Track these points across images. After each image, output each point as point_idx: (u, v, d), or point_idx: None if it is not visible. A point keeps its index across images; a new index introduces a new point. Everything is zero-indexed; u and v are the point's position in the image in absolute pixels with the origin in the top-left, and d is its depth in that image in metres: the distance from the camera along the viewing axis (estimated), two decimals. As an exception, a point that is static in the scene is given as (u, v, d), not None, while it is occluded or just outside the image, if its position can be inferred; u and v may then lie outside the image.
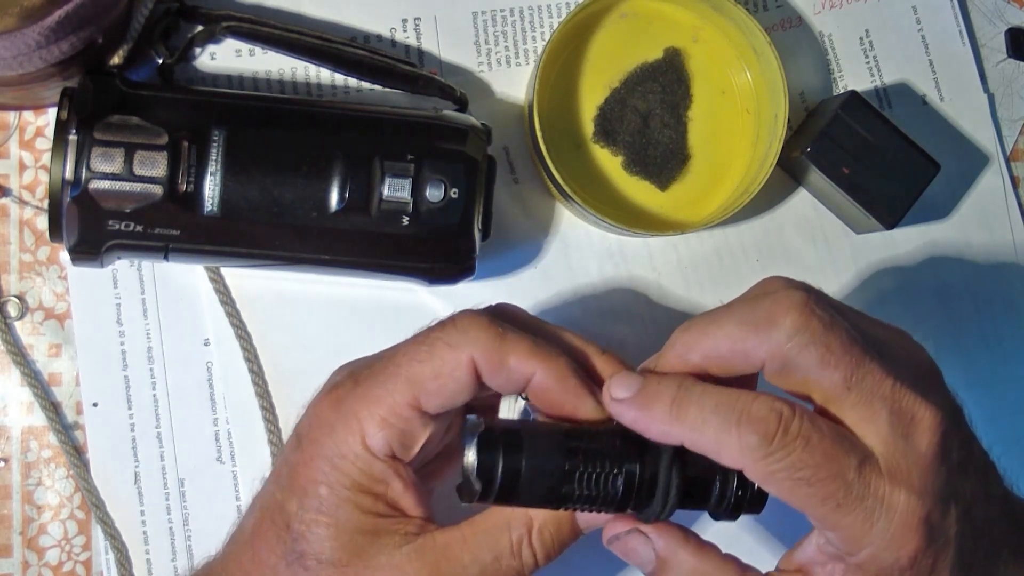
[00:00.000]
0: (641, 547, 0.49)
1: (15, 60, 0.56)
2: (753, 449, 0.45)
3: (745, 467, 0.46)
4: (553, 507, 0.48)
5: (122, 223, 0.57)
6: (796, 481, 0.45)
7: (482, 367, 0.49)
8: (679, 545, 0.48)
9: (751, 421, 0.45)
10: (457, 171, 0.58)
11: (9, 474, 0.63)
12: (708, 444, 0.46)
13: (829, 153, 0.64)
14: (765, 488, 0.47)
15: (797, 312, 0.46)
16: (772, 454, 0.45)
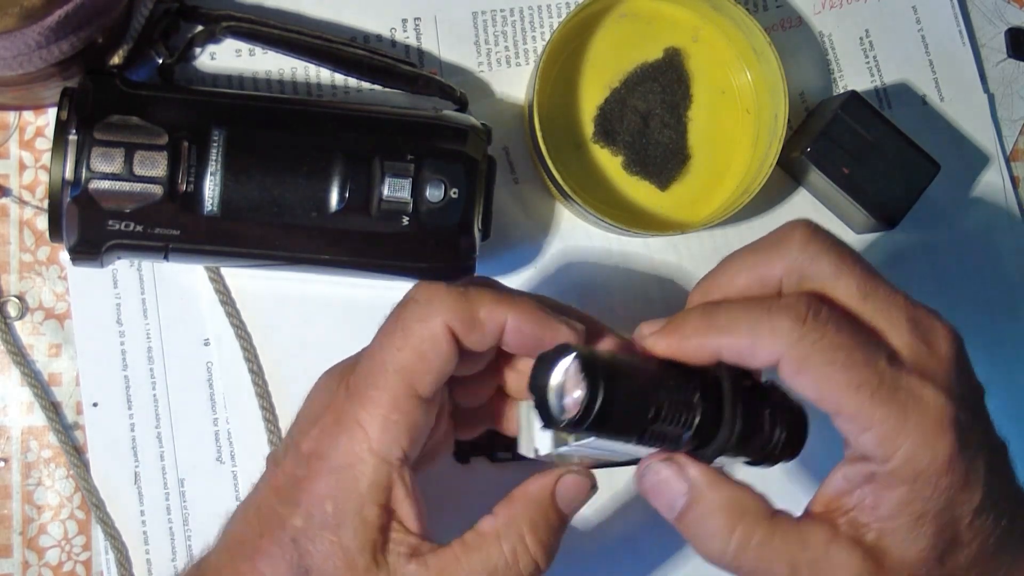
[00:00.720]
0: (675, 478, 0.48)
1: (15, 60, 0.56)
2: (787, 331, 0.45)
3: (781, 354, 0.45)
4: (628, 439, 0.46)
5: (122, 223, 0.57)
6: (831, 365, 0.45)
7: (456, 329, 0.49)
8: (713, 477, 0.47)
9: (781, 308, 0.46)
10: (457, 171, 0.58)
11: (9, 474, 0.63)
12: (743, 341, 0.46)
13: (829, 153, 0.64)
14: (801, 381, 0.46)
15: (803, 227, 0.48)
16: (806, 335, 0.45)
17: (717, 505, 0.47)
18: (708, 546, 0.47)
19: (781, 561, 0.46)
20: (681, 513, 0.48)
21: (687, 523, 0.48)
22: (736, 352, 0.47)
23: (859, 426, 0.45)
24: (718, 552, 0.47)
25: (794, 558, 0.46)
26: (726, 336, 0.47)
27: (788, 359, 0.45)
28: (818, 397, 0.46)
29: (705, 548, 0.47)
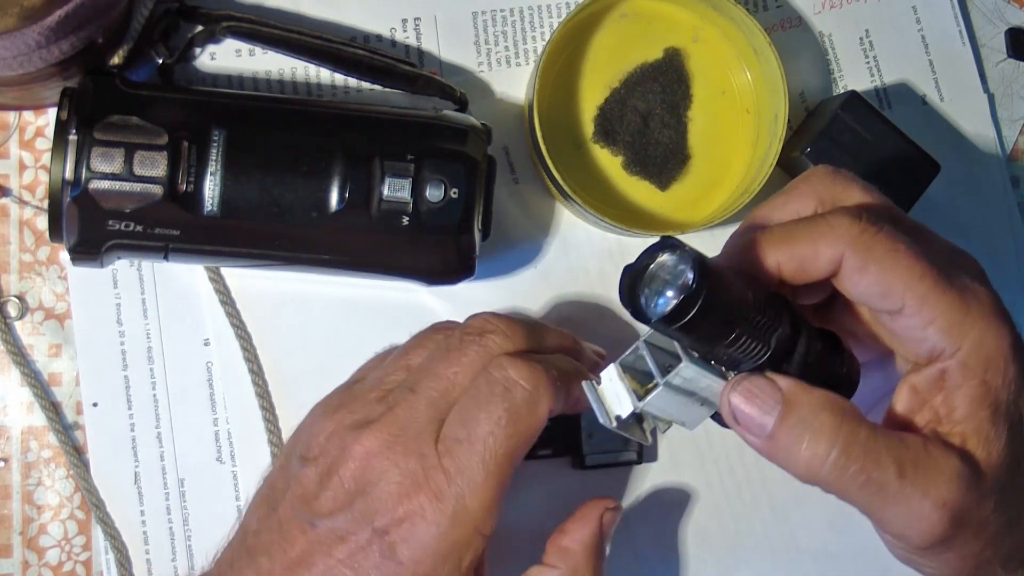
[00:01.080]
0: (767, 389, 0.46)
1: (15, 60, 0.56)
2: (847, 227, 0.45)
3: (843, 253, 0.45)
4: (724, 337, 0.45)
5: (122, 223, 0.57)
6: (894, 255, 0.45)
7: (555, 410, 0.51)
8: (804, 384, 0.46)
9: (836, 211, 0.46)
10: (457, 171, 0.58)
11: (9, 474, 0.63)
12: (804, 247, 0.46)
13: (829, 153, 0.64)
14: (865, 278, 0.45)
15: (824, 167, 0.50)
16: (866, 230, 0.45)
17: (817, 405, 0.45)
18: (812, 451, 0.45)
19: (889, 459, 0.45)
20: (777, 423, 0.46)
21: (785, 431, 0.45)
22: (798, 261, 0.46)
23: (925, 318, 0.45)
24: (822, 455, 0.45)
25: (900, 456, 0.45)
26: (786, 246, 0.46)
27: (852, 255, 0.45)
28: (884, 291, 0.45)
29: (808, 455, 0.45)
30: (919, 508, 0.44)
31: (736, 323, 0.45)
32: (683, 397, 0.48)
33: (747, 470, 0.67)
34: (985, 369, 0.45)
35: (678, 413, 0.49)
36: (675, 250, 0.44)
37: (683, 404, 0.48)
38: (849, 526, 0.67)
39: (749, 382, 0.46)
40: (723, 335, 0.45)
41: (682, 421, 0.50)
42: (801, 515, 0.67)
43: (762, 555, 0.67)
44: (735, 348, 0.45)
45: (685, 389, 0.48)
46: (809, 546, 0.67)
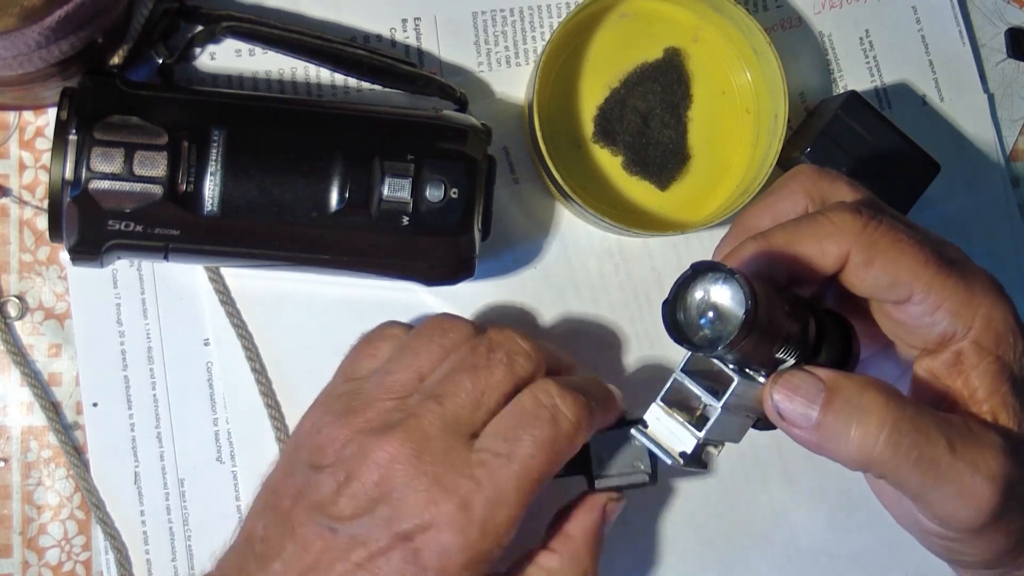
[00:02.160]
0: (808, 380, 0.46)
1: (15, 60, 0.56)
2: (851, 223, 0.46)
3: (849, 248, 0.46)
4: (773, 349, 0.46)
5: (122, 223, 0.57)
6: (899, 244, 0.46)
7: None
8: (840, 373, 0.46)
9: (835, 207, 0.47)
10: (457, 171, 0.58)
11: (9, 474, 0.63)
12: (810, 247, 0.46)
13: (829, 153, 0.64)
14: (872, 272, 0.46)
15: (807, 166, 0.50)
16: (868, 223, 0.46)
17: (859, 389, 0.45)
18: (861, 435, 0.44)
19: (938, 435, 0.44)
20: (823, 410, 0.45)
21: (832, 418, 0.45)
22: (806, 261, 0.46)
23: (933, 303, 0.46)
24: (873, 438, 0.44)
25: (948, 432, 0.44)
26: (792, 248, 0.46)
27: (858, 249, 0.46)
28: (892, 282, 0.46)
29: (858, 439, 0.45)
30: (971, 483, 0.44)
31: (781, 332, 0.45)
32: (734, 414, 0.48)
33: (747, 470, 0.67)
34: (998, 345, 0.46)
35: (729, 431, 0.49)
36: (718, 273, 0.43)
37: (733, 421, 0.49)
38: (849, 527, 0.67)
39: (789, 376, 0.46)
40: (771, 346, 0.45)
41: (732, 437, 0.50)
42: (801, 515, 0.67)
43: (762, 555, 0.67)
44: (780, 353, 0.46)
45: (736, 405, 0.48)
46: (809, 546, 0.67)
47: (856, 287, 0.47)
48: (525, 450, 0.50)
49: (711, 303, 0.44)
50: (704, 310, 0.44)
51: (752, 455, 0.67)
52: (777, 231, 0.48)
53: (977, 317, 0.46)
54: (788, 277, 0.48)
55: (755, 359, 0.46)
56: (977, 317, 0.46)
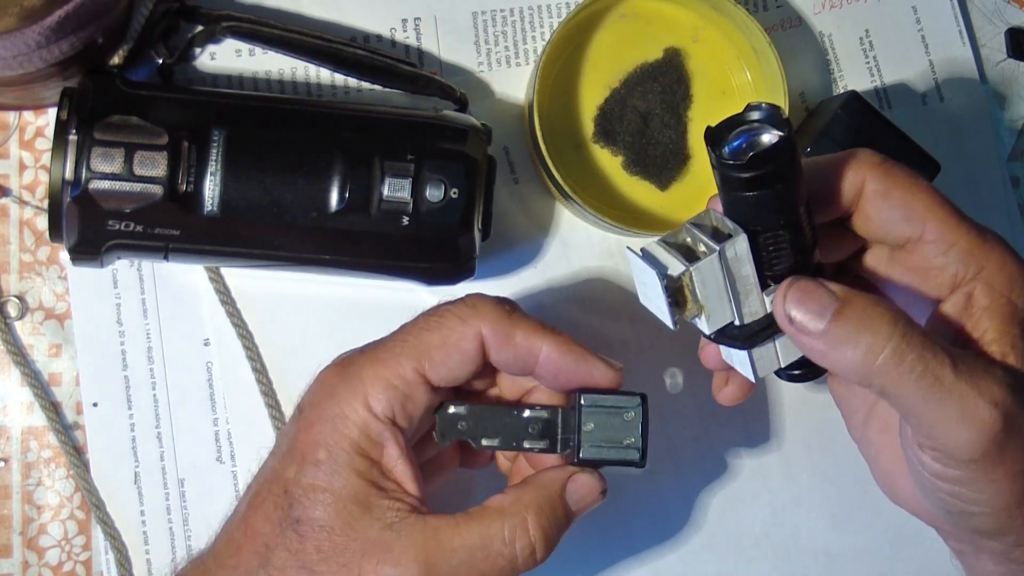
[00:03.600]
0: (821, 290, 0.46)
1: (15, 60, 0.56)
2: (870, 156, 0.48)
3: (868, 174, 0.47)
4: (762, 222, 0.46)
5: (122, 223, 0.57)
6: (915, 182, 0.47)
7: (490, 341, 0.51)
8: (854, 290, 0.46)
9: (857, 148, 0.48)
10: (457, 171, 0.58)
11: (9, 474, 0.63)
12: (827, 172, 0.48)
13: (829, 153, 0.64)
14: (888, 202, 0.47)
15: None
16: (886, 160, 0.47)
17: (873, 301, 0.46)
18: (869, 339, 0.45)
19: (944, 355, 0.44)
20: (833, 317, 0.45)
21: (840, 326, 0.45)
22: (824, 187, 0.47)
23: (947, 241, 0.46)
24: (880, 346, 0.45)
25: (953, 355, 0.45)
26: (812, 173, 0.47)
27: (874, 179, 0.47)
28: (906, 214, 0.47)
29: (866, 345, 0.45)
30: (974, 405, 0.44)
31: (795, 206, 0.46)
32: (722, 281, 0.48)
33: (747, 470, 0.67)
34: (1011, 288, 0.46)
35: (713, 300, 0.48)
36: (765, 111, 0.46)
37: (719, 291, 0.48)
38: (849, 526, 0.67)
39: (804, 282, 0.47)
40: (781, 211, 0.46)
41: (709, 315, 0.49)
42: (801, 515, 0.67)
43: (762, 555, 0.67)
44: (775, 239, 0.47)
45: (729, 270, 0.47)
46: (809, 546, 0.67)
47: (871, 220, 0.48)
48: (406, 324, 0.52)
49: (753, 129, 0.46)
50: (743, 131, 0.47)
51: (753, 455, 0.67)
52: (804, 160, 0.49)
53: (990, 259, 0.46)
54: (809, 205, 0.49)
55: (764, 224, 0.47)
56: (990, 259, 0.46)
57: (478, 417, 0.53)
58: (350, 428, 0.49)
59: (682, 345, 0.66)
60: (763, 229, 0.47)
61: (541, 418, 0.53)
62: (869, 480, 0.55)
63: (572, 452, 0.52)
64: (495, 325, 0.51)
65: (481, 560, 0.48)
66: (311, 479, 0.49)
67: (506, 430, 0.53)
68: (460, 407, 0.52)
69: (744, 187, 0.45)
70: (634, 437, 0.52)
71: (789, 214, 0.46)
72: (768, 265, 0.48)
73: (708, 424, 0.67)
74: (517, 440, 0.53)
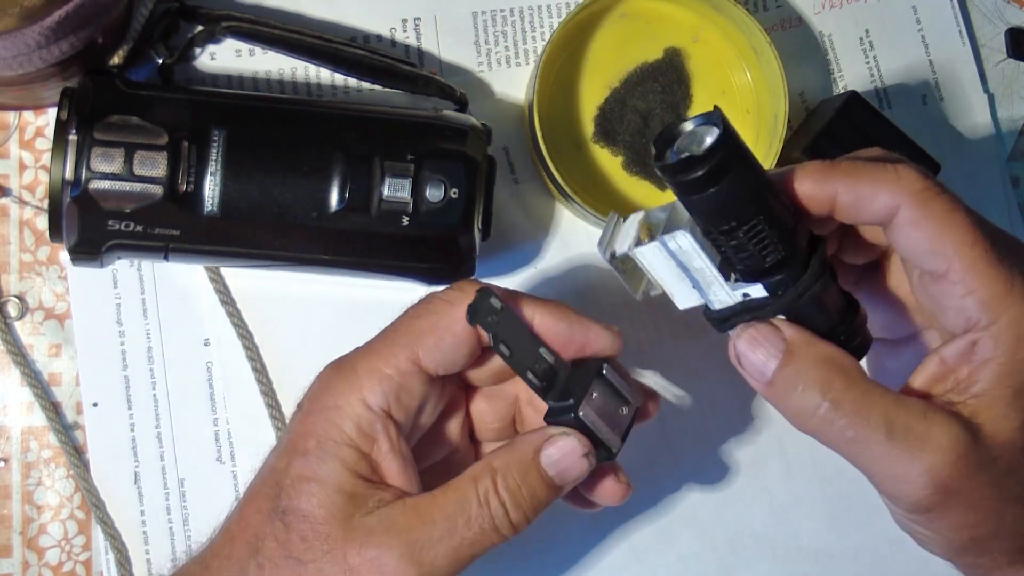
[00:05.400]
0: (772, 333, 0.47)
1: (15, 60, 0.56)
2: (913, 180, 0.45)
3: (901, 203, 0.45)
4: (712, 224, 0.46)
5: (122, 223, 0.57)
6: (951, 215, 0.45)
7: None
8: (809, 336, 0.47)
9: (904, 164, 0.46)
10: (457, 171, 0.58)
11: (9, 474, 0.63)
12: (864, 186, 0.46)
13: (829, 153, 0.64)
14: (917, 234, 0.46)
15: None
16: (930, 187, 0.45)
17: (816, 359, 0.46)
18: (803, 402, 0.45)
19: (879, 419, 0.45)
20: (776, 370, 0.46)
21: (782, 379, 0.46)
22: (855, 196, 0.46)
23: (968, 286, 0.45)
24: (812, 408, 0.45)
25: (891, 418, 0.45)
26: (849, 178, 0.46)
27: (910, 207, 0.45)
28: (934, 249, 0.45)
29: (799, 404, 0.46)
30: (905, 471, 0.45)
31: (736, 215, 0.45)
32: (676, 268, 0.48)
33: (747, 470, 0.67)
34: (1016, 348, 0.45)
35: (670, 283, 0.49)
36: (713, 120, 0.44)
37: (675, 276, 0.48)
38: (849, 526, 0.67)
39: (755, 328, 0.47)
40: (720, 219, 0.45)
41: (671, 294, 0.49)
42: (801, 515, 0.67)
43: (762, 555, 0.67)
44: (729, 239, 0.46)
45: (679, 260, 0.48)
46: (809, 546, 0.67)
47: (900, 245, 0.47)
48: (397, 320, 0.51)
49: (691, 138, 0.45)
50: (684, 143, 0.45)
51: (752, 455, 0.67)
52: (845, 161, 0.47)
53: (1006, 314, 0.45)
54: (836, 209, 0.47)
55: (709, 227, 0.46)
56: (1006, 314, 0.45)
57: (508, 322, 0.51)
58: (342, 419, 0.50)
59: (683, 346, 0.66)
60: (738, 223, 0.45)
61: (548, 361, 0.51)
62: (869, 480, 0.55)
63: (567, 407, 0.51)
64: None
65: (462, 527, 0.48)
66: (300, 469, 0.49)
67: (521, 350, 0.51)
68: (499, 303, 0.50)
69: (690, 190, 0.44)
70: (619, 430, 0.52)
71: (751, 206, 0.45)
72: (760, 257, 0.46)
73: (708, 424, 0.67)
74: (523, 365, 0.51)
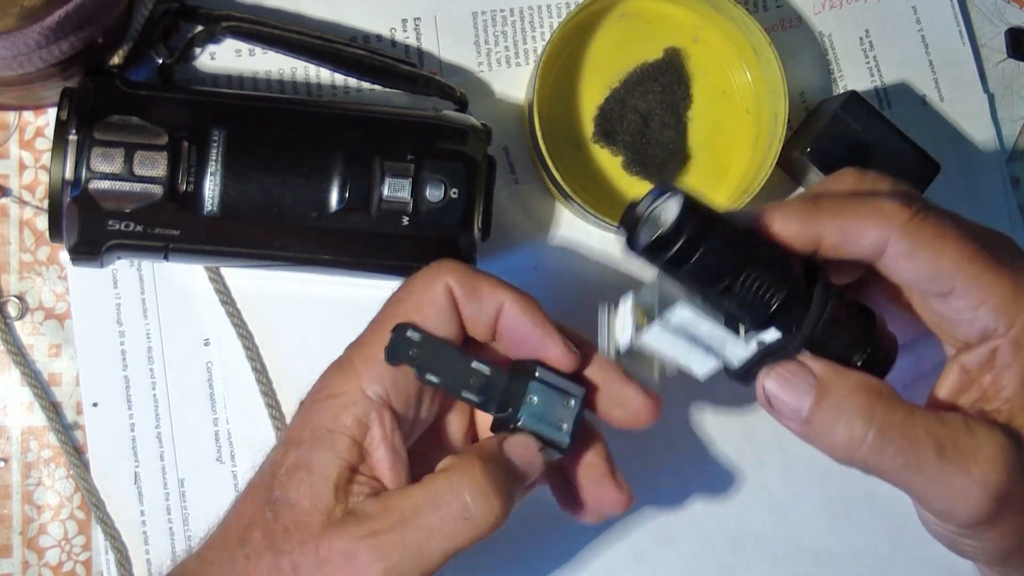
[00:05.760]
0: (800, 372, 0.46)
1: (15, 60, 0.56)
2: (898, 212, 0.45)
3: (890, 237, 0.45)
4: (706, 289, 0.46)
5: (122, 223, 0.57)
6: (944, 239, 0.45)
7: (457, 293, 0.51)
8: (837, 367, 0.46)
9: (887, 194, 0.46)
10: (457, 171, 0.58)
11: (9, 474, 0.63)
12: (850, 223, 0.45)
13: (829, 153, 0.64)
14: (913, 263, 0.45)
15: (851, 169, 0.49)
16: (916, 214, 0.45)
17: (851, 388, 0.45)
18: (849, 433, 0.45)
19: (927, 438, 0.44)
20: (812, 408, 0.45)
21: (820, 416, 0.45)
22: (842, 235, 0.46)
23: (977, 299, 0.45)
24: (859, 438, 0.45)
25: (939, 436, 0.44)
26: (833, 218, 0.46)
27: (899, 240, 0.45)
28: (933, 274, 0.45)
29: (845, 437, 0.45)
30: (961, 487, 0.44)
31: (726, 272, 0.45)
32: (684, 340, 0.48)
33: (747, 470, 0.67)
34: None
35: (684, 356, 0.48)
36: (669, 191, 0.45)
37: (686, 348, 0.48)
38: (849, 526, 0.67)
39: (782, 368, 0.46)
40: (713, 281, 0.45)
41: (688, 368, 0.49)
42: (801, 515, 0.67)
43: (762, 555, 0.67)
44: (727, 297, 0.46)
45: (685, 332, 0.47)
46: (809, 546, 0.67)
47: (896, 277, 0.47)
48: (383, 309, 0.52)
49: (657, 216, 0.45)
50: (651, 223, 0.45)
51: (752, 454, 0.67)
52: (828, 199, 0.47)
53: (1021, 316, 0.45)
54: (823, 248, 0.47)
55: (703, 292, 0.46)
56: (1021, 316, 0.45)
57: (430, 349, 0.51)
58: (339, 408, 0.50)
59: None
60: (731, 280, 0.45)
61: (484, 373, 0.51)
62: (869, 480, 0.55)
63: (508, 417, 0.52)
64: (460, 277, 0.51)
65: (430, 515, 0.48)
66: (294, 459, 0.50)
67: (450, 373, 0.51)
68: (417, 334, 0.50)
69: (674, 266, 0.45)
70: (567, 424, 0.52)
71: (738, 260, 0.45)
72: (764, 303, 0.46)
73: (708, 424, 0.67)
74: (457, 386, 0.51)
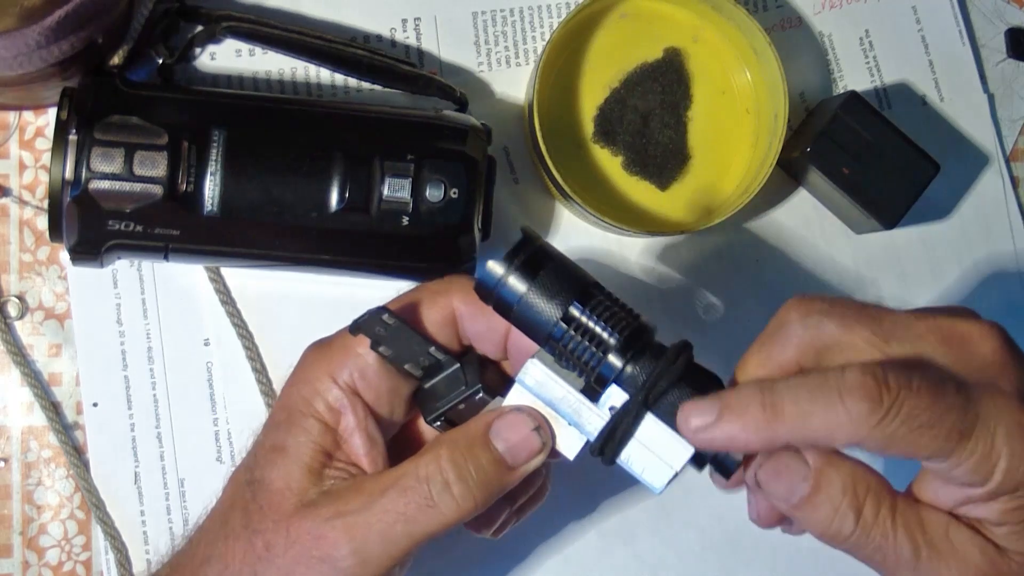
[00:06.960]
0: (796, 461, 0.46)
1: (15, 60, 0.56)
2: (866, 417, 0.43)
3: (863, 439, 0.44)
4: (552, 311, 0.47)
5: (122, 223, 0.57)
6: (918, 431, 0.43)
7: (463, 312, 0.51)
8: (831, 456, 0.46)
9: (852, 391, 0.43)
10: (457, 171, 0.58)
11: (9, 474, 0.63)
12: (819, 432, 0.44)
13: (829, 153, 0.64)
14: (889, 455, 0.44)
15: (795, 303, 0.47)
16: (886, 415, 0.43)
17: (842, 483, 0.46)
18: (837, 527, 0.46)
19: (905, 540, 0.45)
20: (806, 499, 0.46)
21: (812, 505, 0.46)
22: (811, 441, 0.45)
23: (951, 464, 0.44)
24: (845, 533, 0.46)
25: (917, 540, 0.45)
26: (798, 429, 0.44)
27: (872, 441, 0.44)
28: (908, 457, 0.44)
29: (833, 530, 0.46)
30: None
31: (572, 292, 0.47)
32: (544, 406, 0.49)
33: (747, 470, 0.67)
34: (1016, 488, 0.45)
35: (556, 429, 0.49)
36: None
37: (553, 417, 0.49)
38: (849, 526, 0.67)
39: (777, 460, 0.46)
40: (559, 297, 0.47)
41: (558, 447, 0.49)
42: (801, 515, 0.67)
43: (762, 555, 0.67)
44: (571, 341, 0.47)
45: (542, 395, 0.48)
46: (809, 546, 0.67)
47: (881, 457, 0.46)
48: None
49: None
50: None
51: (752, 455, 0.67)
52: (786, 398, 0.45)
53: (998, 470, 0.44)
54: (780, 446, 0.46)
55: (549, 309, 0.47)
56: (998, 470, 0.44)
57: (397, 332, 0.51)
58: (311, 393, 0.51)
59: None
60: (566, 319, 0.47)
61: (437, 358, 0.52)
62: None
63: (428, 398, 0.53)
64: (468, 295, 0.51)
65: (396, 499, 0.48)
66: (272, 440, 0.51)
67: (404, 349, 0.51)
68: (393, 319, 0.50)
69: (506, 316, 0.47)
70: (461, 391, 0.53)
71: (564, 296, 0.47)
72: (612, 332, 0.47)
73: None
74: (401, 359, 0.51)
